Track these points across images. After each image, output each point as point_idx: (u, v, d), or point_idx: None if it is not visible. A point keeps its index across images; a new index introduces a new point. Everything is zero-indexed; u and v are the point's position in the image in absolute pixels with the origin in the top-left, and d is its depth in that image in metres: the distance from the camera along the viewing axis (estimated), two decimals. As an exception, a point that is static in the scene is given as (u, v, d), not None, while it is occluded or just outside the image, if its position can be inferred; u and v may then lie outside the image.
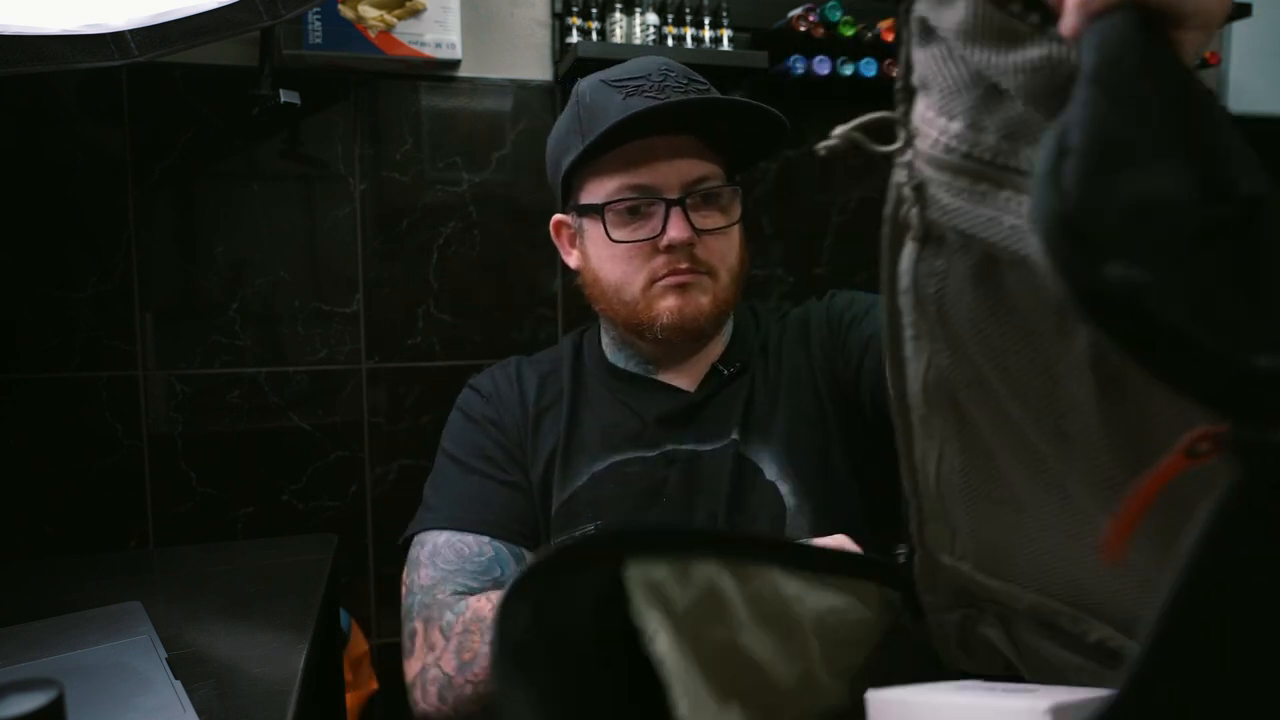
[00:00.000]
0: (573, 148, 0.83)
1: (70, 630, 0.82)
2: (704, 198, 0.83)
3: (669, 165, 0.81)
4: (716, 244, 0.84)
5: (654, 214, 0.82)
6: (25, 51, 0.89)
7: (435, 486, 0.90)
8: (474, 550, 0.83)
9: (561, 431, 0.89)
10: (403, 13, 1.38)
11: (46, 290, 1.37)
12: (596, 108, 0.82)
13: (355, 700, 1.37)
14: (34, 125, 1.36)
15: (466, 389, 0.97)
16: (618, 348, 0.93)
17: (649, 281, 0.83)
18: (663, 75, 0.82)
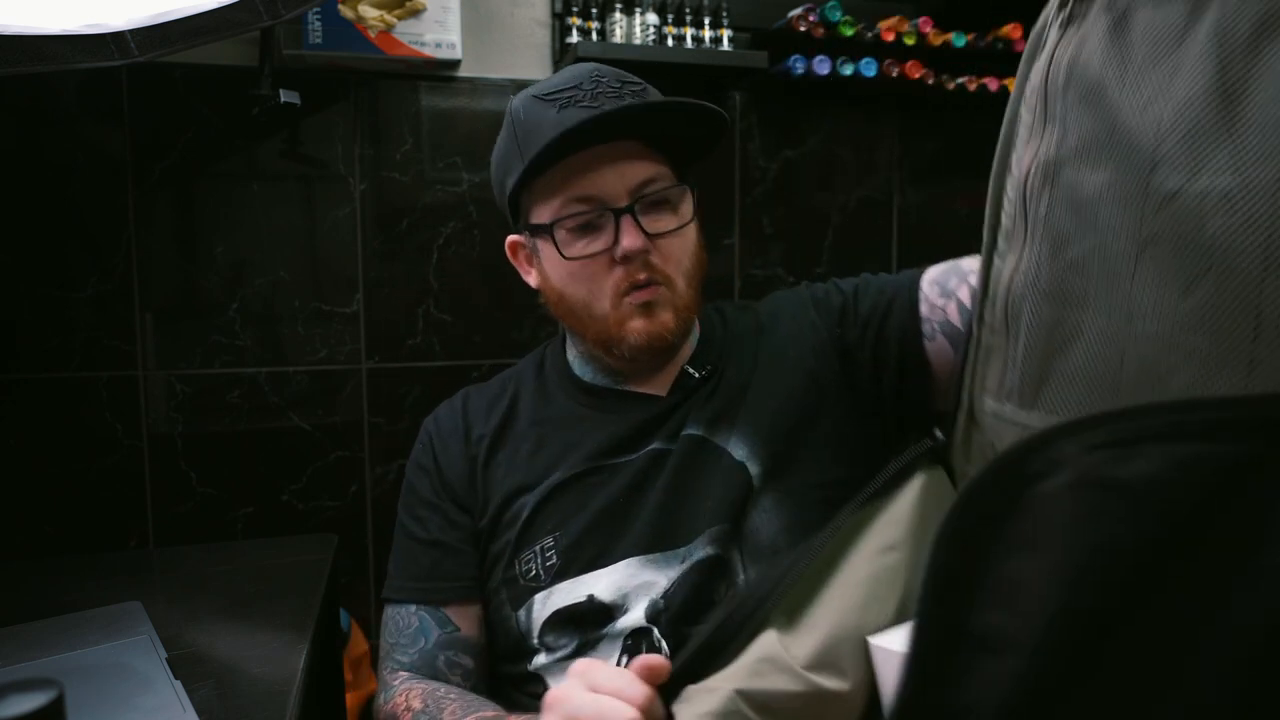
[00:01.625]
0: (514, 168, 0.82)
1: (70, 630, 0.82)
2: (653, 202, 0.81)
3: (613, 173, 0.79)
4: (671, 247, 0.82)
5: (604, 225, 0.80)
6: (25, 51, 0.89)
7: (393, 548, 0.94)
8: (405, 623, 0.87)
9: (522, 453, 0.88)
10: (403, 13, 1.38)
11: (46, 290, 1.37)
12: (531, 125, 0.80)
13: (355, 700, 1.37)
14: (34, 125, 1.36)
15: (422, 428, 0.97)
16: (585, 361, 0.92)
17: (615, 296, 0.82)
18: (594, 83, 0.80)
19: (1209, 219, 0.38)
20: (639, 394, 0.88)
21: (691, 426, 0.85)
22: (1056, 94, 0.48)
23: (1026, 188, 0.50)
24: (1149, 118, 0.41)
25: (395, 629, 0.88)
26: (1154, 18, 0.42)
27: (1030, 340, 0.48)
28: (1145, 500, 0.29)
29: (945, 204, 1.81)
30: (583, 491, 0.83)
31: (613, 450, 0.85)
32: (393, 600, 0.89)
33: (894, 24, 1.59)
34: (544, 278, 0.87)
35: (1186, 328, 0.39)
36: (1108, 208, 0.43)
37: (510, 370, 0.99)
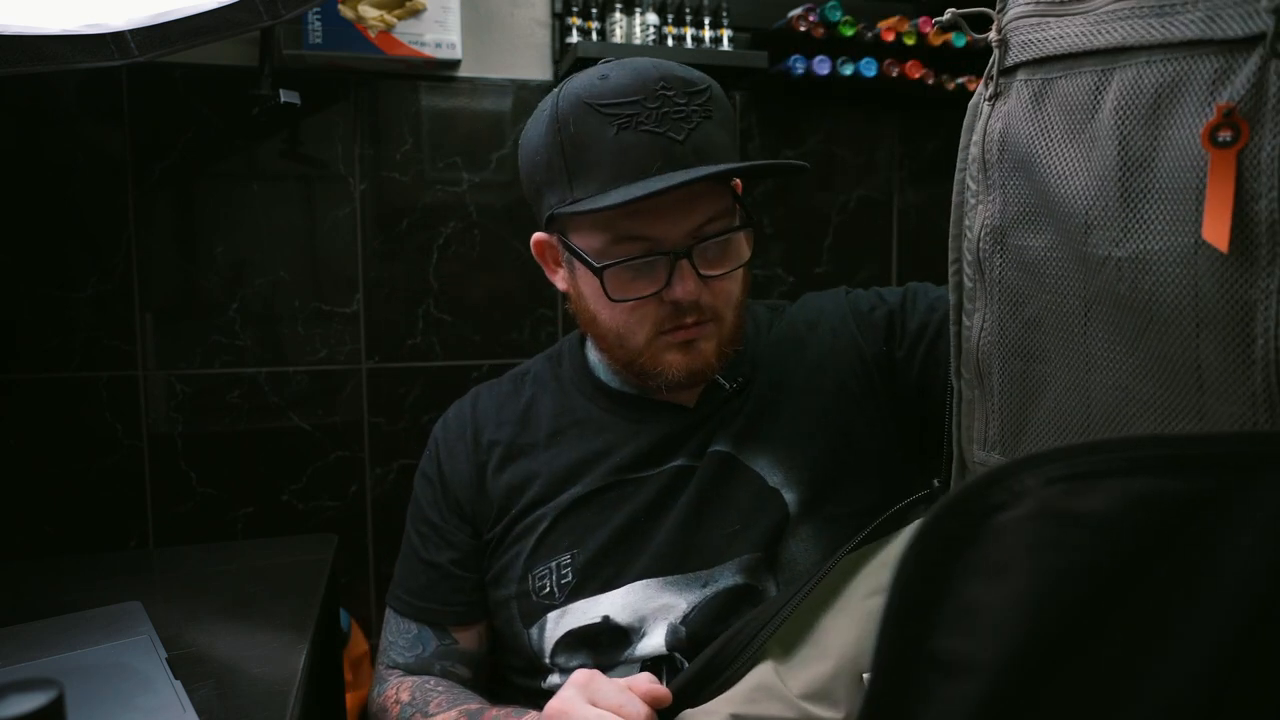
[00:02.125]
0: (557, 184, 0.74)
1: (70, 630, 0.82)
2: (712, 244, 0.74)
3: (672, 215, 0.71)
4: (722, 287, 0.76)
5: (658, 266, 0.73)
6: (25, 51, 0.89)
7: (401, 553, 0.92)
8: (404, 628, 0.87)
9: (539, 460, 0.83)
10: (403, 13, 1.38)
11: (46, 290, 1.37)
12: (584, 141, 0.71)
13: (355, 700, 1.37)
14: (34, 125, 1.36)
15: (432, 433, 0.92)
16: (610, 370, 0.86)
17: (654, 333, 0.76)
18: (659, 100, 0.70)
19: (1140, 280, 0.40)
20: (665, 403, 0.83)
21: (719, 442, 0.80)
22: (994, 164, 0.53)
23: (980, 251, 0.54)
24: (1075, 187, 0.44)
25: (395, 630, 0.88)
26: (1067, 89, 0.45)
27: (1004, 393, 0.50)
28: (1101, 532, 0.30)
29: (945, 204, 1.81)
30: (602, 507, 0.79)
31: (635, 464, 0.81)
32: (392, 606, 0.89)
33: (894, 24, 1.59)
34: (575, 291, 0.80)
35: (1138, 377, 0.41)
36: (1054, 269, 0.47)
37: (523, 367, 0.93)
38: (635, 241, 0.72)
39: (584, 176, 0.71)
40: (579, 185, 0.72)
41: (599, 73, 0.73)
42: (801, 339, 0.87)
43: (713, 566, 0.77)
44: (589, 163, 0.71)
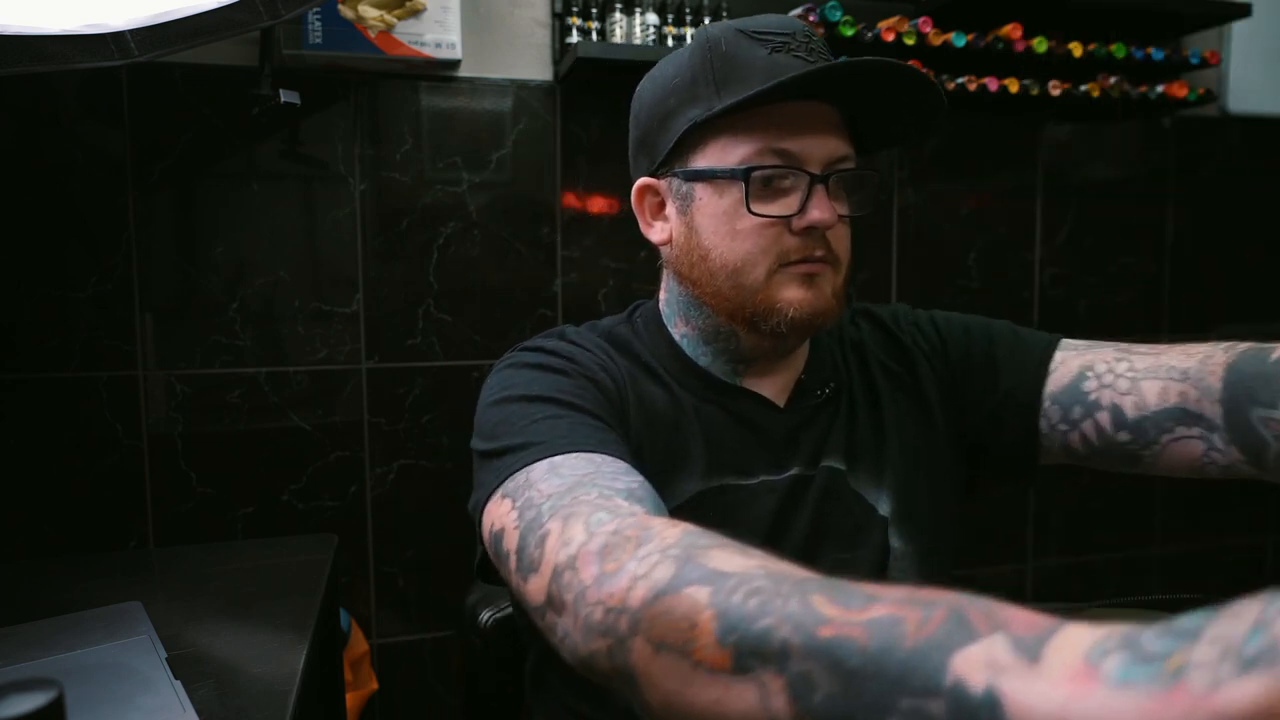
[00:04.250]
0: (702, 100, 0.71)
1: (70, 630, 0.82)
2: (845, 181, 0.73)
3: (817, 137, 0.70)
4: (843, 232, 0.74)
5: (792, 190, 0.71)
6: (25, 51, 0.89)
7: (515, 428, 0.65)
8: (609, 462, 0.60)
9: (663, 428, 0.74)
10: (403, 13, 1.38)
11: (46, 290, 1.37)
12: (738, 59, 0.70)
13: (355, 700, 1.37)
14: (34, 125, 1.36)
15: (520, 351, 0.76)
16: (702, 341, 0.78)
17: (776, 265, 0.71)
18: (806, 36, 0.72)
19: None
20: (759, 397, 0.78)
21: (830, 457, 0.77)
22: None
23: None
24: None
25: (588, 464, 0.59)
26: None
27: None
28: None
29: (945, 204, 1.81)
30: (720, 510, 0.73)
31: (749, 467, 0.75)
32: (569, 451, 0.61)
33: (894, 24, 1.59)
34: (688, 232, 0.74)
35: None
36: None
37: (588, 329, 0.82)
38: (779, 155, 0.70)
39: (734, 86, 0.69)
40: (728, 93, 0.69)
41: (748, 16, 0.75)
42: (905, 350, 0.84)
43: None
44: (741, 75, 0.69)
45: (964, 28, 1.62)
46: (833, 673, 0.35)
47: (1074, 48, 1.67)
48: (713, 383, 0.78)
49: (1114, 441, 0.73)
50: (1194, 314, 2.00)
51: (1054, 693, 0.28)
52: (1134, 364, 0.73)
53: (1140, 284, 1.96)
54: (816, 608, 0.37)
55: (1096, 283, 1.92)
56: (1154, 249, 1.97)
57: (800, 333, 0.74)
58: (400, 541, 1.55)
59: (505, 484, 0.61)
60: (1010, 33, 1.64)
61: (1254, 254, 2.05)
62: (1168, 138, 1.96)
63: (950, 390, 0.82)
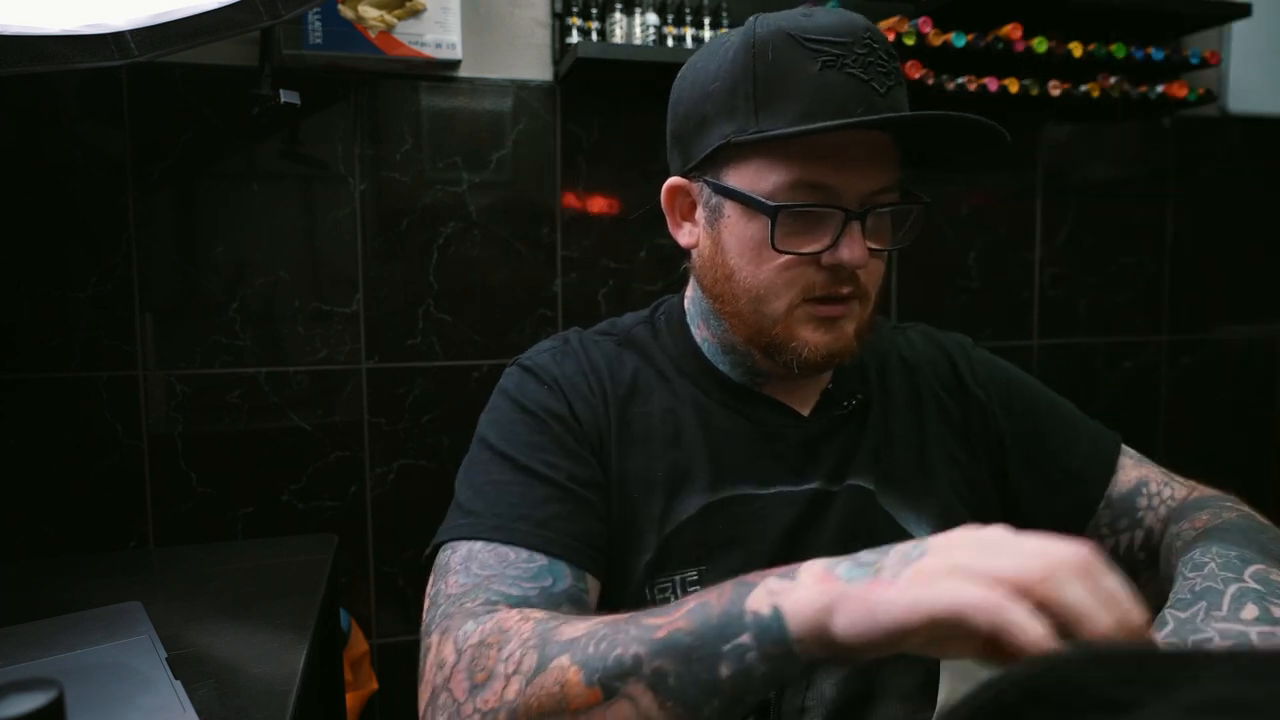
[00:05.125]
0: (738, 115, 0.66)
1: (70, 630, 0.82)
2: (883, 214, 0.69)
3: (857, 168, 0.65)
4: (876, 266, 0.70)
5: (825, 223, 0.66)
6: (25, 51, 0.89)
7: (474, 486, 0.69)
8: (518, 557, 0.64)
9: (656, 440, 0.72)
10: (403, 13, 1.38)
11: (46, 290, 1.37)
12: (783, 70, 0.64)
13: (355, 700, 1.37)
14: (34, 125, 1.36)
15: (518, 371, 0.76)
16: (721, 350, 0.76)
17: (799, 299, 0.68)
18: (866, 48, 0.65)
19: None
20: (780, 404, 0.76)
21: (857, 475, 0.74)
22: None
23: None
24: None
25: (500, 561, 0.63)
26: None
27: None
28: None
29: (945, 204, 1.81)
30: (733, 520, 0.70)
31: (766, 477, 0.73)
32: (493, 539, 0.64)
33: (894, 24, 1.59)
34: (712, 243, 0.71)
35: None
36: None
37: (617, 326, 0.81)
38: (814, 190, 0.66)
39: (776, 106, 0.65)
40: (767, 116, 0.65)
41: (802, 10, 0.67)
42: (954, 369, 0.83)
43: None
44: (785, 93, 0.64)
45: (964, 28, 1.62)
46: (675, 658, 0.46)
47: (1074, 48, 1.67)
48: (731, 387, 0.76)
49: (1134, 559, 0.77)
50: (1194, 314, 2.00)
51: (810, 592, 0.44)
52: (1175, 492, 0.77)
53: (1140, 284, 1.96)
54: (647, 623, 0.49)
55: (1096, 283, 1.92)
56: (1154, 249, 1.97)
57: (813, 371, 0.71)
58: (400, 541, 1.55)
59: (444, 550, 0.66)
60: (1010, 33, 1.64)
61: (1254, 254, 2.05)
62: (1168, 138, 1.96)
63: (1009, 447, 0.81)
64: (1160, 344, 1.98)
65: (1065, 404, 0.84)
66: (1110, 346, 1.94)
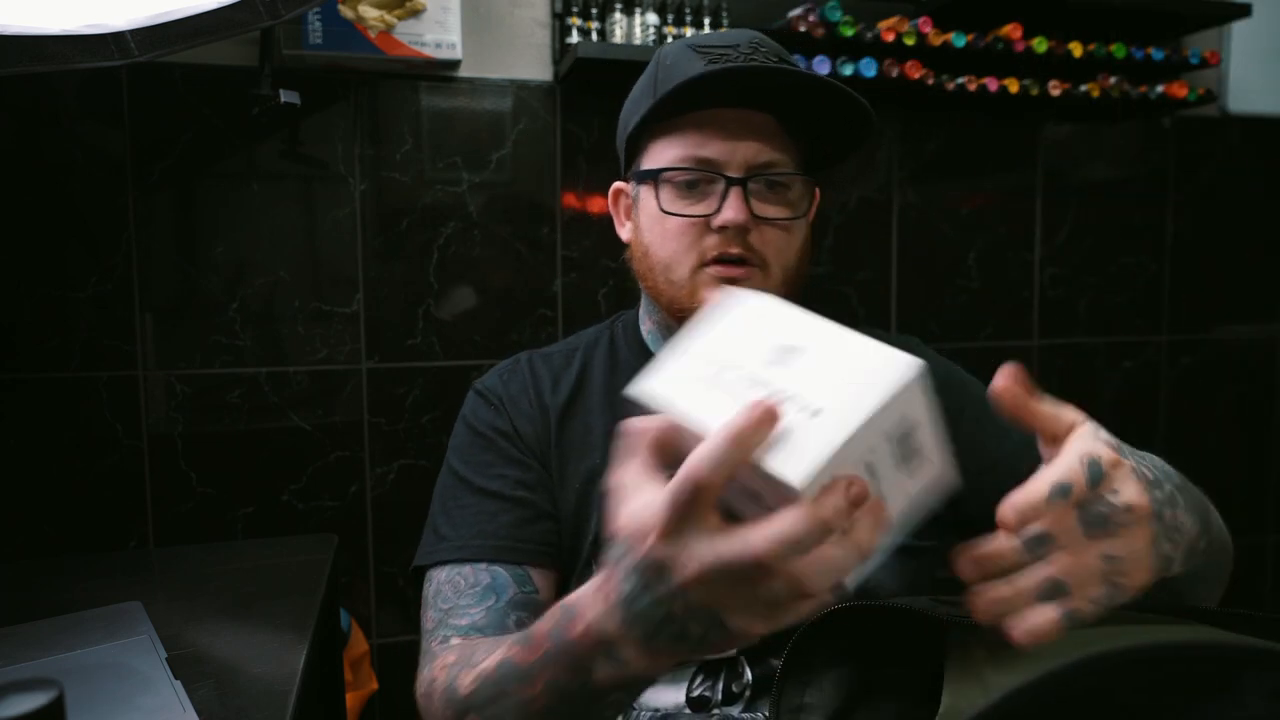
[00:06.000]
0: (642, 107, 0.77)
1: (70, 630, 0.82)
2: (769, 184, 0.76)
3: (738, 142, 0.75)
4: (774, 235, 0.77)
5: (713, 192, 0.75)
6: (25, 51, 0.89)
7: (444, 509, 0.82)
8: (470, 581, 0.76)
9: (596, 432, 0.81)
10: (403, 13, 1.38)
11: (46, 290, 1.37)
12: (675, 70, 0.76)
13: (355, 700, 1.37)
14: (34, 125, 1.36)
15: (471, 395, 0.88)
16: (660, 335, 0.85)
17: (698, 263, 0.76)
18: (752, 48, 0.76)
19: None
20: None
21: None
22: None
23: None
24: None
25: (454, 590, 0.76)
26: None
27: None
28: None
29: (945, 204, 1.81)
30: None
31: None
32: (452, 560, 0.77)
33: (894, 24, 1.59)
34: (635, 229, 0.82)
35: None
36: None
37: (574, 338, 0.92)
38: (700, 161, 0.75)
39: (668, 88, 0.74)
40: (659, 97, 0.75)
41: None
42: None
43: None
44: (673, 80, 0.74)
45: (964, 28, 1.62)
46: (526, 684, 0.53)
47: (1074, 48, 1.67)
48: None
49: None
50: (1194, 314, 2.00)
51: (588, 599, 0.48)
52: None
53: (1140, 284, 1.96)
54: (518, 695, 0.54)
55: (1096, 283, 1.92)
56: (1154, 249, 1.97)
57: None
58: (400, 541, 1.55)
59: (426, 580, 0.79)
60: (1010, 33, 1.64)
61: (1254, 254, 2.05)
62: (1168, 138, 1.96)
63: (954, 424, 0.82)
64: (1160, 344, 1.98)
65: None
66: (1110, 346, 1.94)
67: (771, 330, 0.44)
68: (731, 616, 0.41)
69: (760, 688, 0.74)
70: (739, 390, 0.41)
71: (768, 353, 0.43)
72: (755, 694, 0.74)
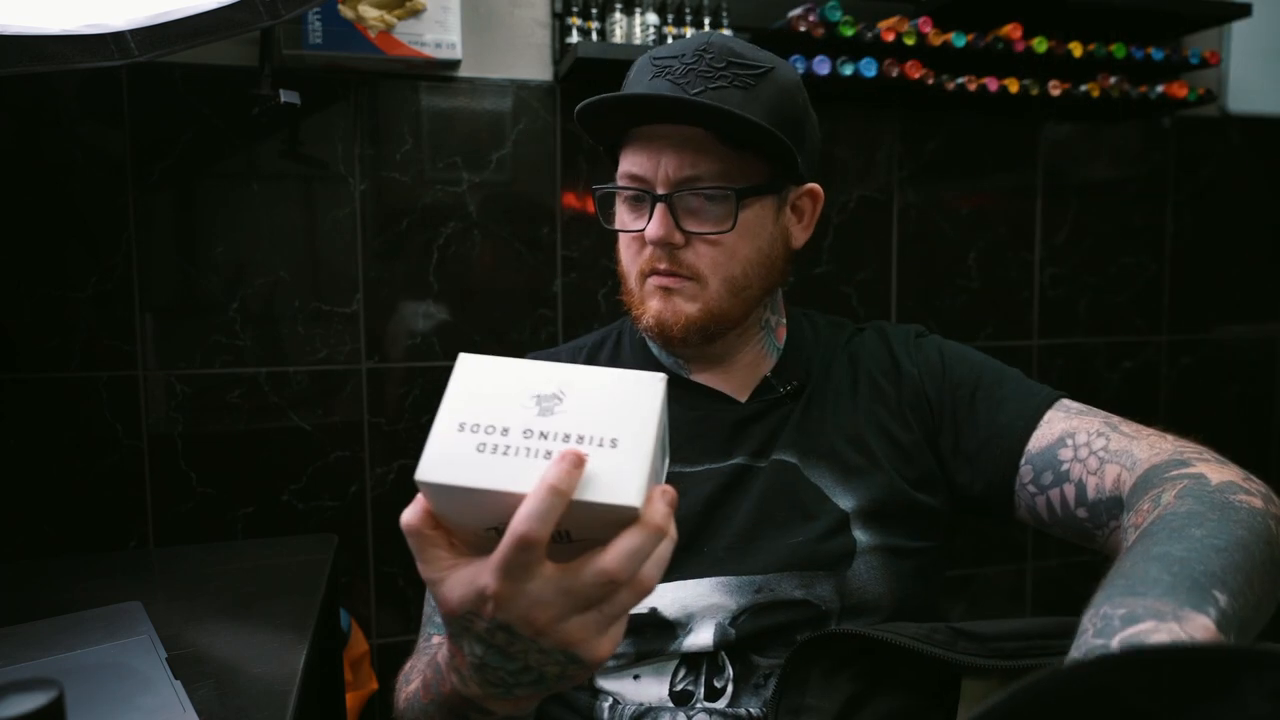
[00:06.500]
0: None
1: (70, 630, 0.82)
2: (696, 198, 0.76)
3: (666, 157, 0.76)
4: (708, 250, 0.77)
5: (645, 206, 0.78)
6: (25, 51, 0.89)
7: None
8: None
9: None
10: (403, 13, 1.38)
11: (46, 290, 1.37)
12: (633, 84, 0.79)
13: (355, 700, 1.37)
14: (34, 125, 1.36)
15: None
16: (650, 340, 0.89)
17: (641, 275, 0.80)
18: (696, 57, 0.75)
19: None
20: (718, 392, 0.85)
21: (782, 450, 0.81)
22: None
23: None
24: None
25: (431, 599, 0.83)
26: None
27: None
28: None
29: (945, 204, 1.81)
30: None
31: (694, 455, 0.81)
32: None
33: (894, 24, 1.59)
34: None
35: None
36: None
37: (580, 340, 0.95)
38: (633, 179, 0.78)
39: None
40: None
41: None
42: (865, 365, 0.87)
43: (769, 573, 0.76)
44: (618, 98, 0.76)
45: (964, 28, 1.62)
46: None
47: (1074, 48, 1.67)
48: (672, 378, 0.83)
49: (1074, 517, 0.74)
50: (1194, 314, 2.00)
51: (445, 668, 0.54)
52: (1110, 442, 0.74)
53: (1140, 284, 1.96)
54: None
55: (1096, 283, 1.92)
56: (1154, 249, 1.97)
57: (663, 340, 0.80)
58: (400, 541, 1.54)
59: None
60: (1010, 33, 1.64)
61: (1254, 254, 2.05)
62: (1168, 138, 1.96)
63: (939, 412, 0.84)
64: (1160, 344, 1.98)
65: (1010, 372, 0.85)
66: (1110, 346, 1.94)
67: (516, 385, 0.46)
68: (583, 648, 0.44)
69: (740, 681, 0.75)
70: (529, 445, 0.43)
71: (530, 405, 0.45)
72: (738, 689, 0.75)
